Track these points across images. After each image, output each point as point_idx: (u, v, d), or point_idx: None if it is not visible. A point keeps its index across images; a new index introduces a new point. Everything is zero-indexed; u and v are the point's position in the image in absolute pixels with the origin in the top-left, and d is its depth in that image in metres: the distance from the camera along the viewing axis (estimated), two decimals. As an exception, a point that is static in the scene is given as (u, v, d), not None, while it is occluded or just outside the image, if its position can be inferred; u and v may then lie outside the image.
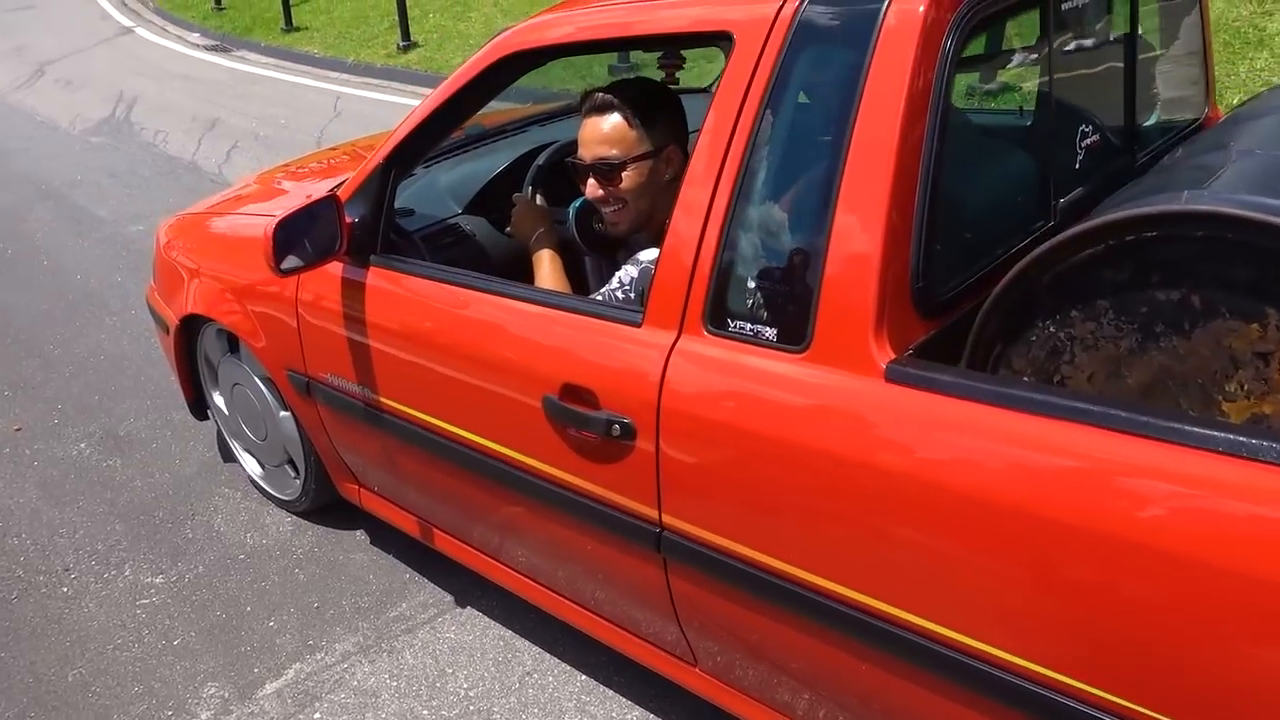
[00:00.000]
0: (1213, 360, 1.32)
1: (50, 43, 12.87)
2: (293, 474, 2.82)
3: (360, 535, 2.80)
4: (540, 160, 2.37)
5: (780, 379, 1.49)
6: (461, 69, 1.95)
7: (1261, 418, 1.31)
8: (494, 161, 2.61)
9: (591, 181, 1.96)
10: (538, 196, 2.28)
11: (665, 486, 1.63)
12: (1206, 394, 1.34)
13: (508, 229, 2.27)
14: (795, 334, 1.47)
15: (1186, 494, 1.19)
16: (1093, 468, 1.24)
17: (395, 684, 2.29)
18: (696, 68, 3.00)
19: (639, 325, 1.65)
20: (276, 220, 1.97)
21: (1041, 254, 1.39)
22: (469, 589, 2.51)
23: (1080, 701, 1.27)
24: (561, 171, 2.24)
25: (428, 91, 5.52)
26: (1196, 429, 1.19)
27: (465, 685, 2.26)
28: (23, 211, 6.12)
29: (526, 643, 2.35)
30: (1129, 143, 2.00)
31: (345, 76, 9.70)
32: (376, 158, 2.11)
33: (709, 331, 1.56)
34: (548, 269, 2.06)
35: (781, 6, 1.51)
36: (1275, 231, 1.22)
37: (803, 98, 1.51)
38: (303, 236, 2.02)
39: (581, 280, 2.19)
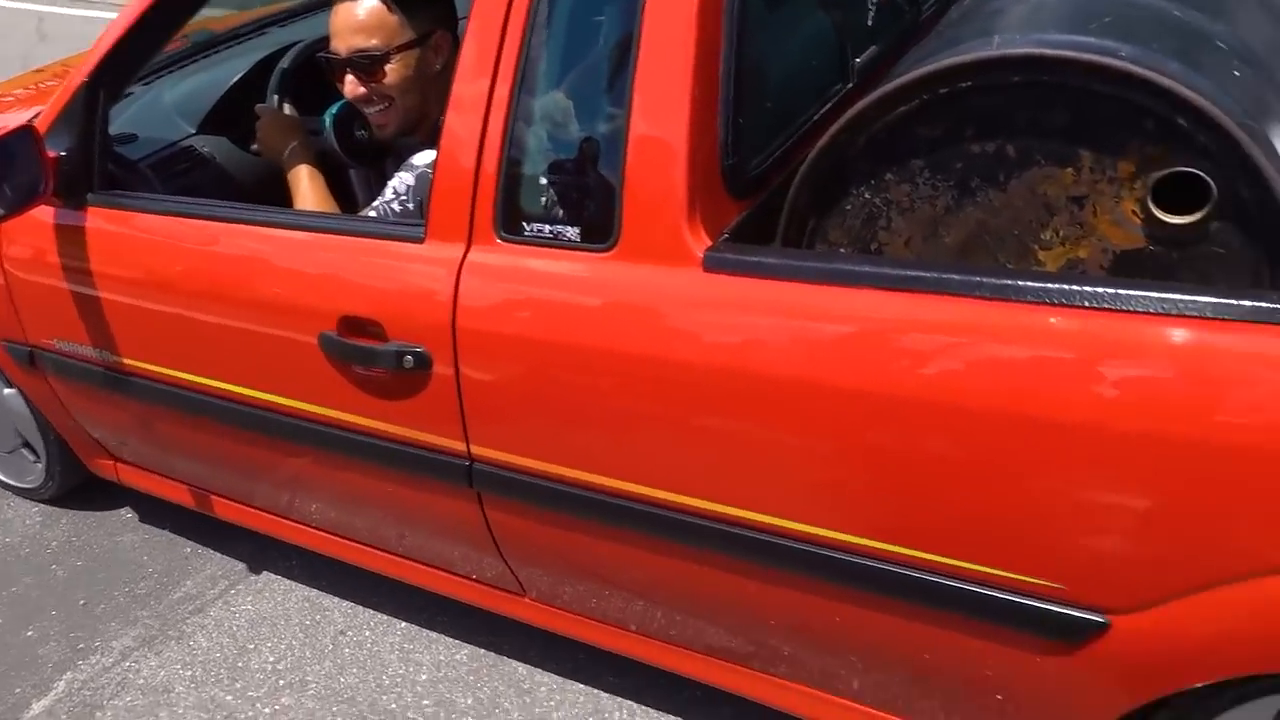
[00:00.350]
0: (1028, 210, 1.28)
1: None
2: (31, 457, 2.43)
3: (126, 514, 2.45)
4: (285, 63, 2.04)
5: (588, 281, 1.34)
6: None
7: (1077, 262, 1.28)
8: (229, 70, 2.25)
9: (350, 78, 1.70)
10: (286, 105, 1.97)
11: (470, 415, 1.46)
12: (1023, 244, 1.30)
13: (254, 146, 1.98)
14: (600, 231, 1.32)
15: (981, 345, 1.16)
16: (909, 333, 1.20)
17: (190, 673, 2.02)
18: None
19: (421, 241, 1.45)
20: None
21: (853, 117, 1.29)
22: (262, 553, 2.24)
23: (900, 565, 1.25)
24: (312, 74, 1.94)
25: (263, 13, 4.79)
26: (1007, 281, 1.15)
27: (271, 659, 2.03)
28: None
29: (335, 599, 2.13)
30: None
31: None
32: (78, 76, 1.75)
33: (502, 239, 1.39)
34: (307, 187, 1.80)
35: None
36: (1091, 70, 1.16)
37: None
38: (-7, 180, 1.67)
39: (349, 197, 1.94)
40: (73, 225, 1.81)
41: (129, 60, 1.77)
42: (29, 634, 2.15)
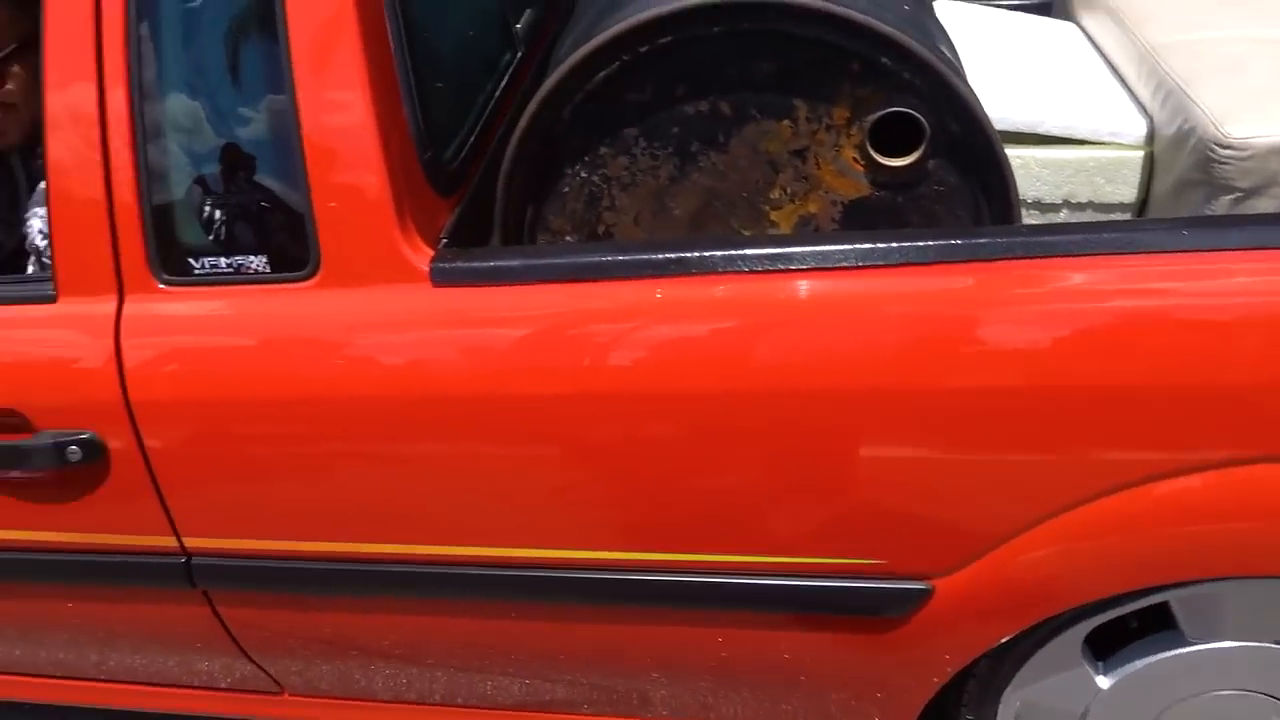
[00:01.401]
0: (753, 170, 1.22)
1: None
2: None
3: None
4: None
5: (290, 318, 1.11)
6: None
7: (809, 218, 1.24)
8: None
9: None
10: None
11: (173, 502, 1.19)
12: (754, 207, 1.24)
13: None
14: (294, 256, 1.10)
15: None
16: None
17: None
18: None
19: (53, 300, 1.14)
20: None
21: (552, 89, 1.17)
22: None
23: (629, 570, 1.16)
24: None
25: None
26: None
27: None
28: None
29: None
30: None
31: None
32: None
33: (165, 282, 1.12)
34: None
35: None
36: (787, 11, 1.11)
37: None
38: None
39: None
40: None
41: None
42: None
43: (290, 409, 1.12)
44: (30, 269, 1.36)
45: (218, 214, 1.12)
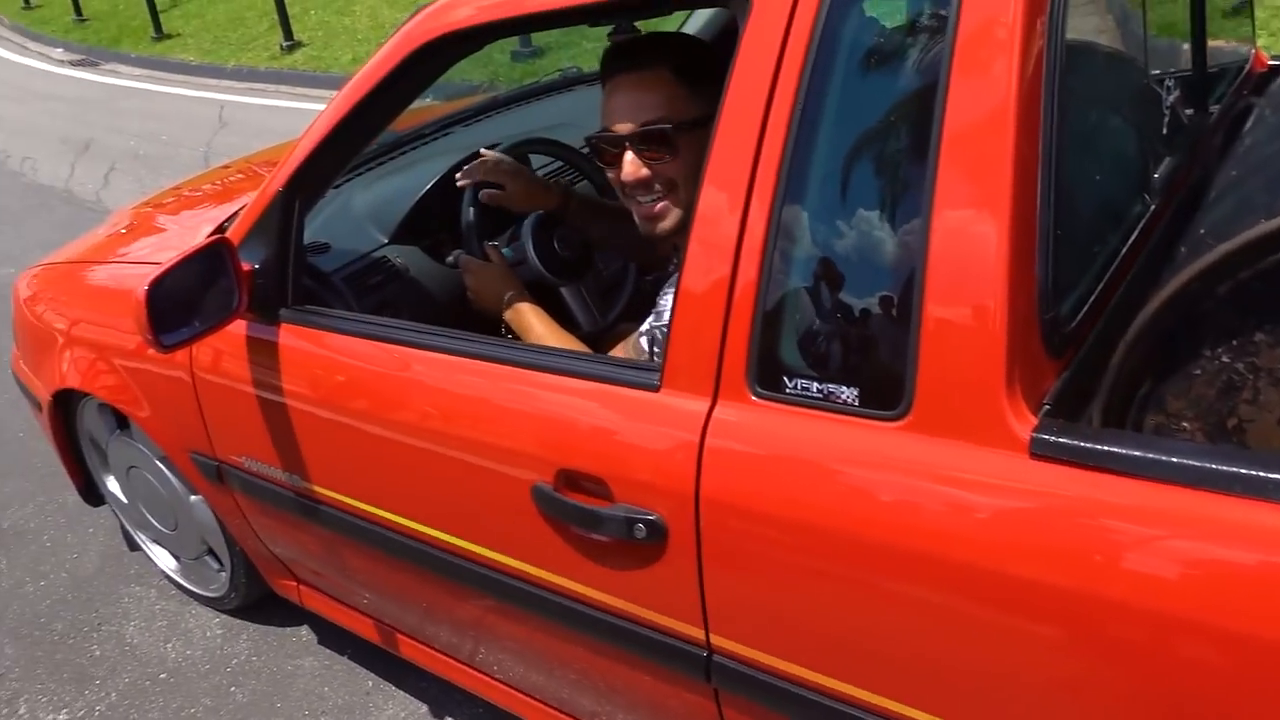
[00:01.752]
0: None
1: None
2: (215, 565, 2.34)
3: (306, 634, 2.32)
4: (475, 195, 1.82)
5: (872, 456, 1.08)
6: (367, 69, 1.49)
7: None
8: (419, 176, 2.12)
9: (632, 159, 1.43)
10: (489, 248, 1.76)
11: (713, 601, 1.22)
12: None
13: (448, 259, 1.83)
14: (887, 394, 1.06)
15: None
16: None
17: None
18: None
19: (656, 389, 1.23)
20: (150, 280, 1.49)
21: (1215, 262, 1.02)
22: (446, 696, 2.05)
23: None
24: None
25: (320, 93, 4.92)
26: None
27: None
28: None
29: None
30: (1201, 96, 1.63)
31: (227, 83, 9.00)
32: (274, 184, 1.63)
33: (758, 395, 1.15)
34: (541, 329, 1.62)
35: None
36: None
37: (862, 62, 1.09)
38: (188, 295, 1.55)
39: (565, 315, 1.76)
40: (264, 340, 1.68)
41: (324, 168, 1.64)
42: None
43: (850, 546, 1.09)
44: (644, 352, 1.46)
45: (819, 337, 1.12)
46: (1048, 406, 1.03)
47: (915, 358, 1.03)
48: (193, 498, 2.17)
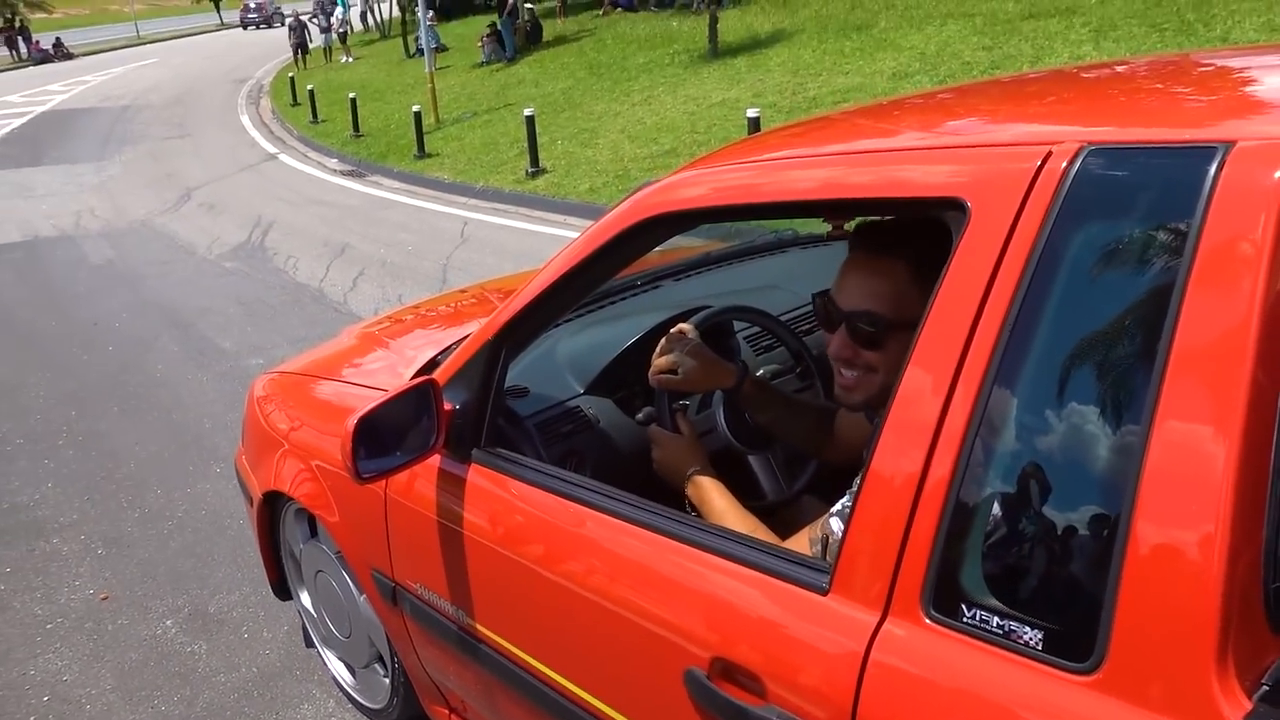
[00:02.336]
0: None
1: (198, 169, 13.50)
2: (382, 672, 2.40)
3: None
4: (699, 319, 1.89)
5: (1051, 709, 0.98)
6: (591, 231, 1.56)
7: None
8: (622, 330, 2.19)
9: (843, 336, 1.47)
10: (679, 413, 1.77)
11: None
12: None
13: (638, 416, 1.85)
14: (1076, 642, 0.96)
15: None
16: None
17: None
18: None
19: (825, 593, 1.17)
20: (359, 415, 1.59)
21: None
22: None
23: None
24: (710, 339, 1.82)
25: (556, 217, 5.26)
26: None
27: None
28: (149, 340, 6.05)
29: None
30: None
31: (474, 201, 9.72)
32: (485, 333, 1.72)
33: (931, 618, 1.07)
34: (722, 506, 1.61)
35: (1043, 164, 1.06)
36: None
37: (1080, 282, 1.04)
38: (392, 429, 1.64)
39: (749, 487, 1.74)
40: (454, 476, 1.74)
41: (534, 323, 1.72)
42: None
43: None
44: (834, 533, 1.40)
45: (1007, 566, 1.04)
46: (1266, 689, 0.91)
47: (1113, 608, 0.94)
48: (364, 606, 2.25)
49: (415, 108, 12.35)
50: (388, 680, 2.37)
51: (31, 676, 2.84)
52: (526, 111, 10.24)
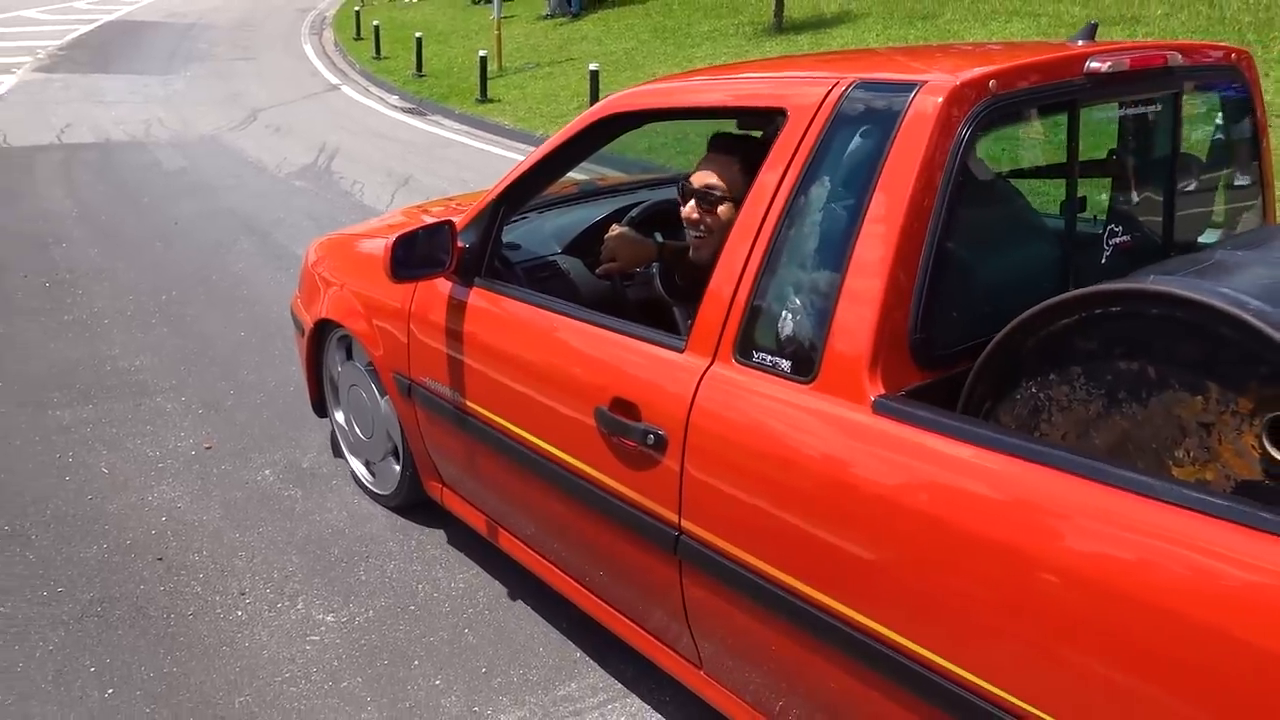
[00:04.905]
0: (1165, 428, 1.52)
1: (263, 92, 14.47)
2: (395, 465, 3.24)
3: (530, 609, 2.88)
4: (634, 213, 2.81)
5: (790, 405, 1.77)
6: (571, 124, 2.36)
7: (1204, 484, 1.49)
8: (595, 211, 3.08)
9: (692, 204, 2.30)
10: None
11: (687, 494, 1.92)
12: (1159, 459, 1.54)
13: (598, 270, 2.64)
14: (806, 368, 1.75)
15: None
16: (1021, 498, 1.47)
17: None
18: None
19: (681, 351, 1.96)
20: (396, 236, 2.40)
21: (1025, 320, 1.63)
22: (639, 680, 2.55)
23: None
24: (650, 223, 2.60)
25: (602, 170, 6.05)
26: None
27: None
28: (227, 243, 6.81)
29: None
30: (1165, 248, 2.19)
31: (531, 149, 10.42)
32: (490, 195, 2.54)
33: (737, 360, 1.86)
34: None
35: (829, 91, 1.83)
36: (1213, 313, 1.43)
37: (834, 168, 1.80)
38: (419, 253, 2.45)
39: (672, 326, 2.53)
40: (459, 298, 2.56)
41: (525, 188, 2.57)
42: (437, 682, 2.59)
43: (772, 465, 1.76)
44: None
45: (777, 330, 1.81)
46: (902, 392, 1.67)
47: (824, 348, 1.72)
48: (385, 406, 3.09)
49: (482, 52, 13.18)
50: (398, 469, 3.19)
51: (150, 502, 3.45)
52: (591, 66, 10.97)
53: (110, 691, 2.52)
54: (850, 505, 1.65)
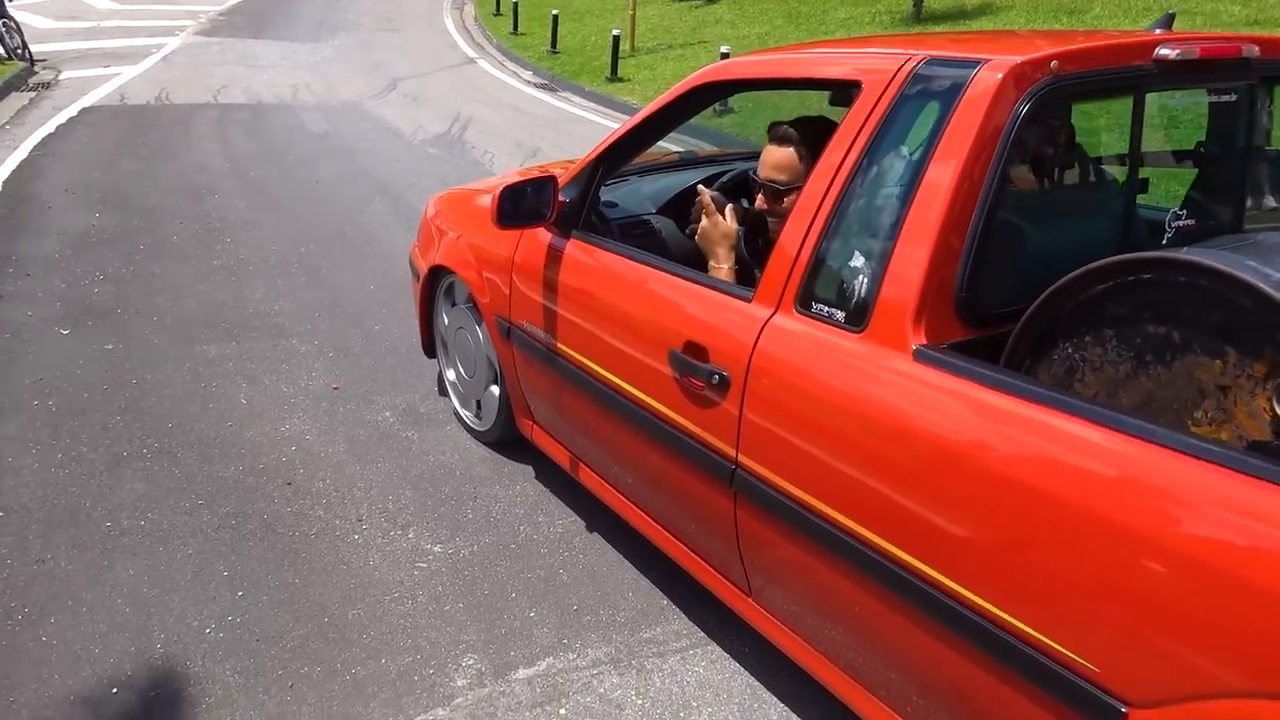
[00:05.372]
0: (1186, 389, 1.63)
1: (403, 62, 15.08)
2: (493, 400, 3.51)
3: (622, 556, 3.06)
4: (725, 179, 3.01)
5: (841, 352, 1.93)
6: (667, 92, 2.54)
7: (1220, 443, 1.60)
8: (690, 177, 3.28)
9: (760, 196, 2.51)
10: (728, 212, 2.77)
11: (744, 431, 2.10)
12: (1179, 419, 1.65)
13: (688, 229, 2.82)
14: (858, 318, 1.92)
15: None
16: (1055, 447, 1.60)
17: (640, 702, 2.46)
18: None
19: (749, 301, 2.14)
20: (504, 186, 2.64)
21: (1065, 284, 1.76)
22: (721, 630, 2.70)
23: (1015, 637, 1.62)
24: (740, 189, 2.79)
25: (732, 152, 6.12)
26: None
27: None
28: (363, 203, 7.25)
29: (773, 697, 2.47)
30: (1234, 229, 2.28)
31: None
32: (590, 155, 2.76)
33: (797, 310, 2.03)
34: (724, 266, 2.61)
35: (900, 67, 1.98)
36: (1233, 283, 1.53)
37: (899, 137, 1.95)
38: (524, 204, 2.68)
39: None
40: (558, 248, 2.80)
41: (623, 151, 2.78)
42: (531, 614, 2.80)
43: (825, 406, 1.92)
44: None
45: (835, 285, 1.97)
46: (944, 346, 1.82)
47: (875, 302, 1.88)
48: (489, 354, 3.37)
49: (615, 31, 13.47)
50: (495, 406, 3.47)
51: (282, 433, 3.79)
52: (722, 49, 11.12)
53: (240, 594, 2.82)
54: (891, 445, 1.80)
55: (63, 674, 2.48)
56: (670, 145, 3.93)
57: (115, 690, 2.44)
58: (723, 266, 2.60)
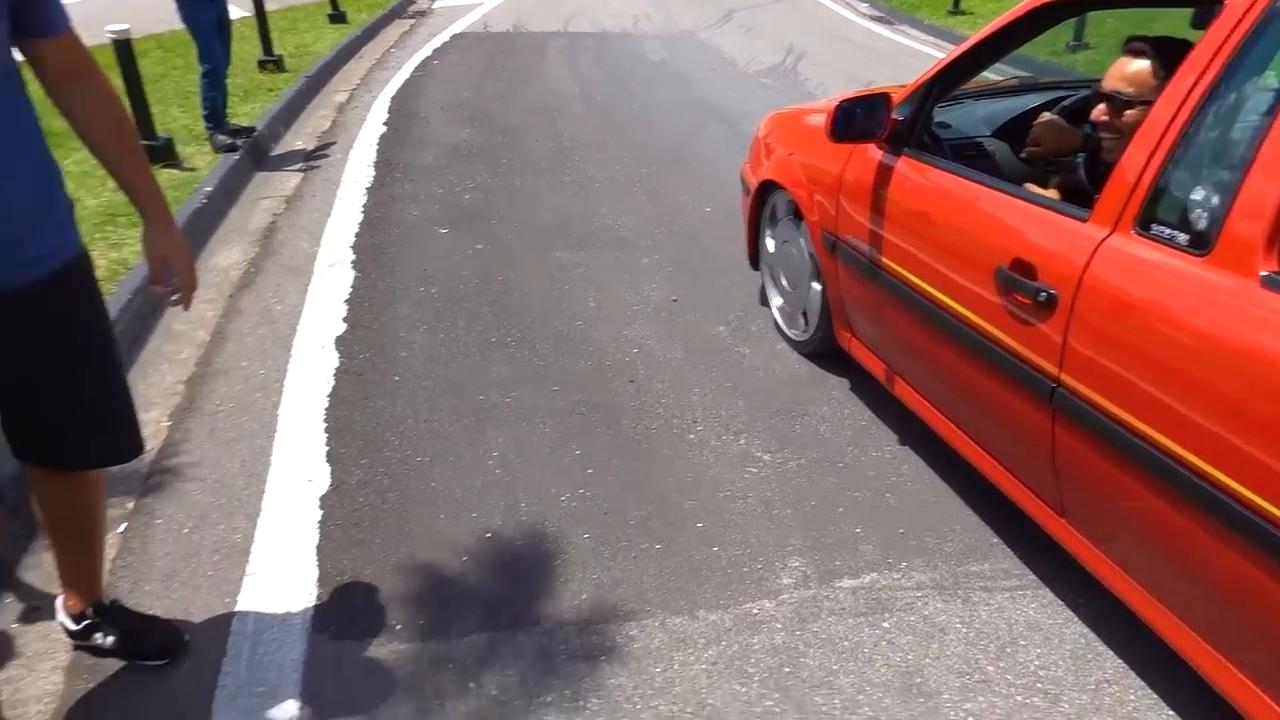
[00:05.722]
0: None
1: (738, -6, 15.15)
2: (813, 312, 3.71)
3: (950, 489, 3.08)
4: (1066, 103, 3.02)
5: (1183, 276, 1.94)
6: (1007, 13, 2.61)
7: None
8: (1028, 101, 3.30)
9: (1101, 107, 2.51)
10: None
11: (1069, 350, 2.17)
12: None
13: (1022, 154, 2.86)
14: (1202, 242, 1.92)
15: None
16: None
17: (965, 630, 2.48)
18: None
19: (1084, 220, 2.20)
20: (841, 101, 2.82)
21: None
22: (1056, 578, 2.65)
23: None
24: (1082, 114, 2.83)
25: (1079, 79, 5.96)
26: None
27: (1036, 663, 2.38)
28: (698, 128, 7.58)
29: (1109, 650, 2.42)
30: None
31: (1000, 66, 10.18)
32: (924, 76, 2.90)
33: (1136, 232, 2.07)
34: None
35: None
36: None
37: (1259, 61, 1.93)
38: (858, 120, 2.86)
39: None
40: (889, 165, 2.95)
41: (957, 73, 2.87)
42: (857, 530, 2.88)
43: (1158, 327, 1.95)
44: None
45: (1181, 207, 1.98)
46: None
47: (1222, 226, 1.89)
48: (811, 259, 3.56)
49: (963, -40, 12.89)
50: (817, 317, 3.64)
51: (626, 336, 4.12)
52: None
53: (590, 471, 3.17)
54: (1230, 372, 1.79)
55: (447, 516, 2.97)
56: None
57: (489, 535, 2.88)
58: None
